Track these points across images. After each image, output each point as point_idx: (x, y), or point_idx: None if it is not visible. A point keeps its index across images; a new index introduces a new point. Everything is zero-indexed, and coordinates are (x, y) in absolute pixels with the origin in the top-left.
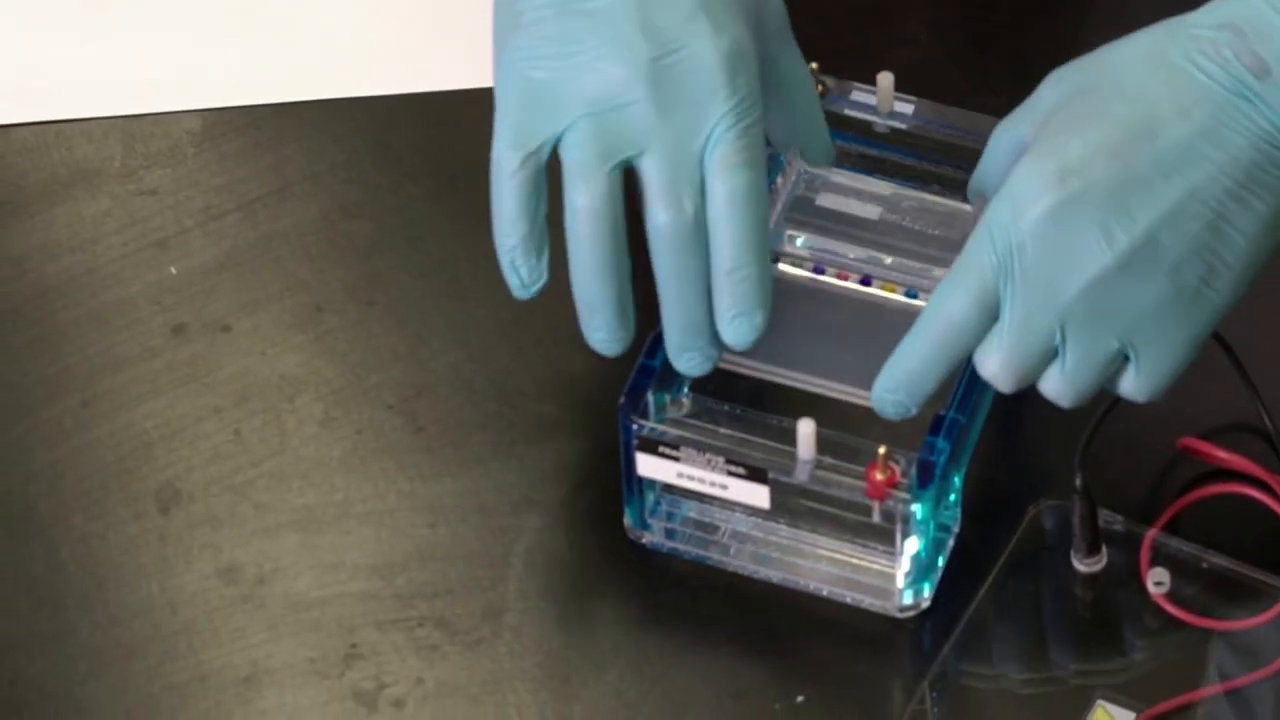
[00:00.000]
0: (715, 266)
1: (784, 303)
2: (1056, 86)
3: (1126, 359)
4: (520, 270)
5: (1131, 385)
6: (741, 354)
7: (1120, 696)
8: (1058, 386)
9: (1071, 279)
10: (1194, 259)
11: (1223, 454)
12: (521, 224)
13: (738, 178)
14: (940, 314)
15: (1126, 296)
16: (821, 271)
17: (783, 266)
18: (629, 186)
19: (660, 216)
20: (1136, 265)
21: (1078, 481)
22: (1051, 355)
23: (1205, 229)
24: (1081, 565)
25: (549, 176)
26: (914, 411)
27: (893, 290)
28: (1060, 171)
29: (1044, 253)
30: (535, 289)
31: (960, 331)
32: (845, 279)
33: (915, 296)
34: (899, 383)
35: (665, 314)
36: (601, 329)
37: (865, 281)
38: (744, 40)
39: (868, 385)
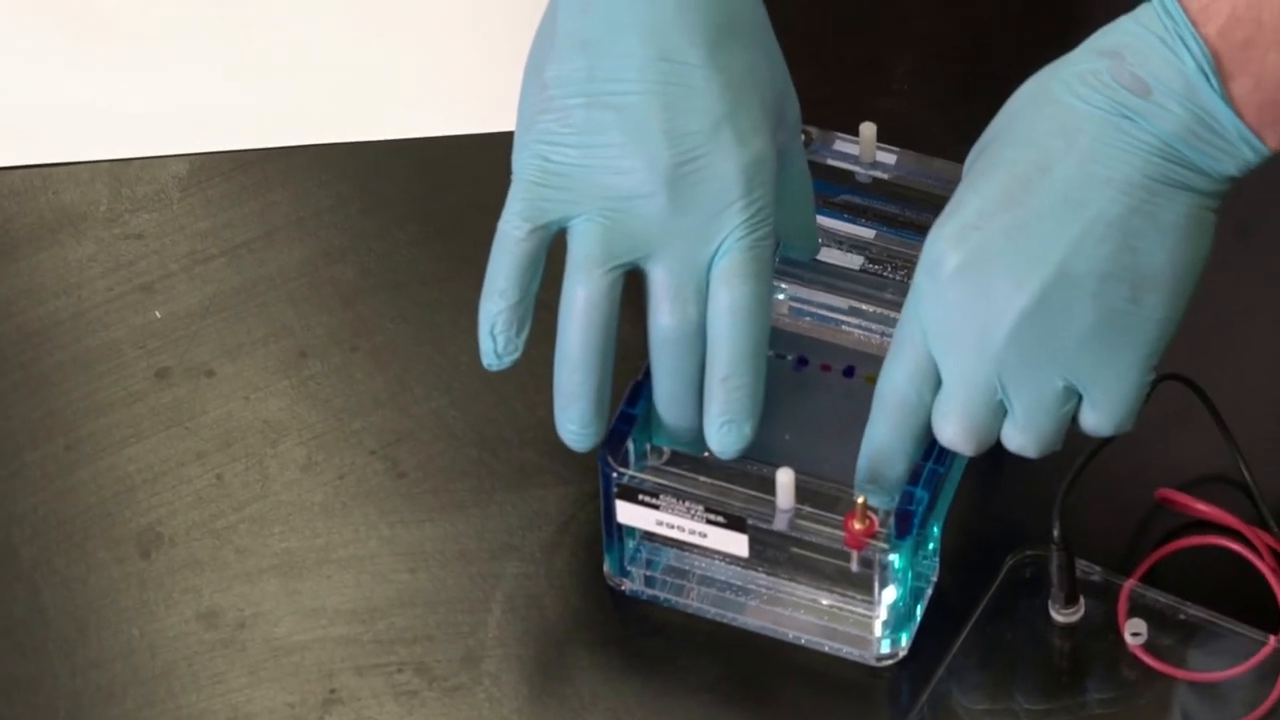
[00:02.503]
0: (710, 372)
1: (769, 393)
2: (972, 153)
3: (1079, 396)
4: (498, 339)
5: (1092, 420)
6: None
7: None
8: (1017, 439)
9: (996, 329)
10: (1113, 282)
11: (1201, 506)
12: (512, 293)
13: (743, 288)
14: (888, 394)
15: (1056, 333)
16: (805, 363)
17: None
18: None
19: (664, 319)
20: (1056, 300)
21: (1056, 532)
22: (1001, 410)
23: (1117, 250)
24: (1059, 615)
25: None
26: (896, 497)
27: (874, 381)
28: (960, 229)
29: (963, 311)
30: (507, 361)
31: (910, 407)
32: (829, 370)
33: None
34: (871, 474)
35: (659, 408)
36: (575, 421)
37: (848, 372)
38: (765, 150)
39: (854, 472)
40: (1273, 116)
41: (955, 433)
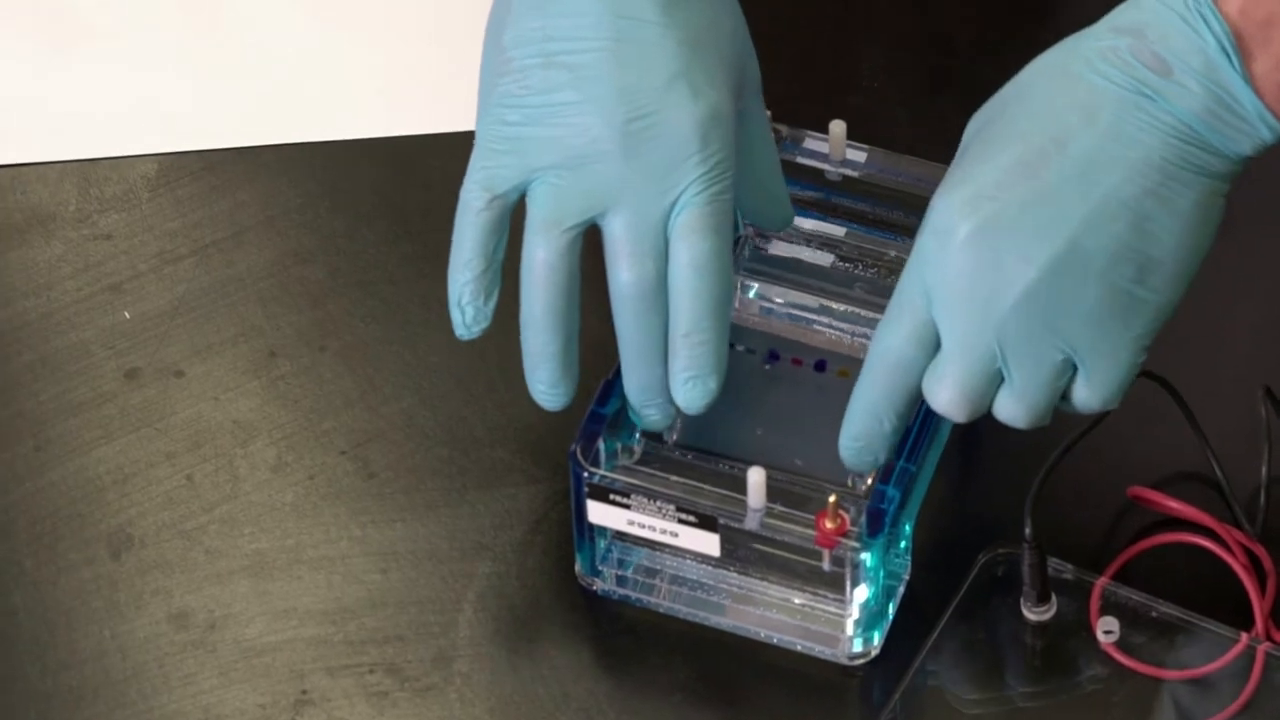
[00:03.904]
0: (673, 328)
1: (740, 387)
2: (974, 124)
3: (1074, 370)
4: (466, 309)
5: (1084, 394)
6: (700, 441)
7: None
8: (1011, 408)
9: (1002, 298)
10: (1122, 261)
11: (1173, 503)
12: (477, 263)
13: (702, 244)
14: (882, 354)
15: (1061, 306)
16: (776, 358)
17: (738, 348)
18: (591, 241)
19: (624, 275)
20: (1064, 274)
21: (1027, 530)
22: (998, 378)
23: (1128, 230)
24: (1031, 614)
25: (512, 225)
26: (882, 459)
27: (847, 375)
28: (974, 197)
29: (971, 277)
30: (477, 330)
31: (904, 368)
32: (800, 364)
33: None
34: (858, 431)
35: (625, 370)
36: (544, 381)
37: (820, 366)
38: (722, 105)
39: (826, 466)
40: None
41: (950, 398)
